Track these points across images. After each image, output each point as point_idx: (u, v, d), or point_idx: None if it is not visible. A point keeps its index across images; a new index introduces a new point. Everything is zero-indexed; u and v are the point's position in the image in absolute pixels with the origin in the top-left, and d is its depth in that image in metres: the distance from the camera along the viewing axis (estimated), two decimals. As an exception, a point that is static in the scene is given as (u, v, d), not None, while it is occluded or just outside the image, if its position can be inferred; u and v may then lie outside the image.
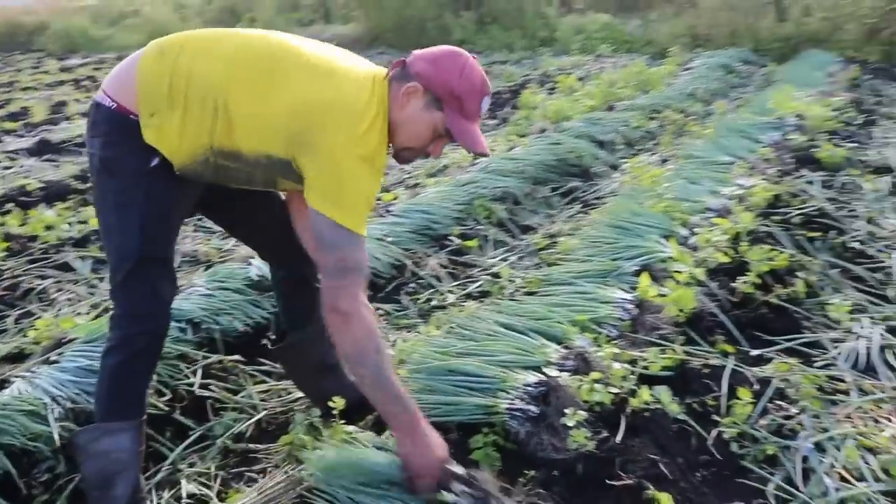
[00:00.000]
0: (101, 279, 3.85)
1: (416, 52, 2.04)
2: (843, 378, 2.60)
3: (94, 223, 4.43)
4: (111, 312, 2.13)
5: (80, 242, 4.25)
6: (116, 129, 2.00)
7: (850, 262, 3.55)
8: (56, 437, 2.36)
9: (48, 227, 4.40)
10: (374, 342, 1.94)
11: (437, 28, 14.01)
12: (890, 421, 2.37)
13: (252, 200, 2.25)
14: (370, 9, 14.94)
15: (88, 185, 5.48)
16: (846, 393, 2.52)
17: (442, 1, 14.29)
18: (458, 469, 1.97)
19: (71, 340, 2.83)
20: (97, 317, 3.27)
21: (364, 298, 1.97)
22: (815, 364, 2.69)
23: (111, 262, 2.10)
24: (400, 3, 14.40)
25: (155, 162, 1.98)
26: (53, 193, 5.33)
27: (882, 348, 2.78)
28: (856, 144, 5.60)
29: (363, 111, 1.93)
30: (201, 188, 2.13)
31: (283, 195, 2.35)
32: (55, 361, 2.71)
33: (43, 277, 3.87)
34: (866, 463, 2.14)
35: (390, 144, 2.06)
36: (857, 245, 3.71)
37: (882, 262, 3.56)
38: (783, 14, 11.02)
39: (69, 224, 4.53)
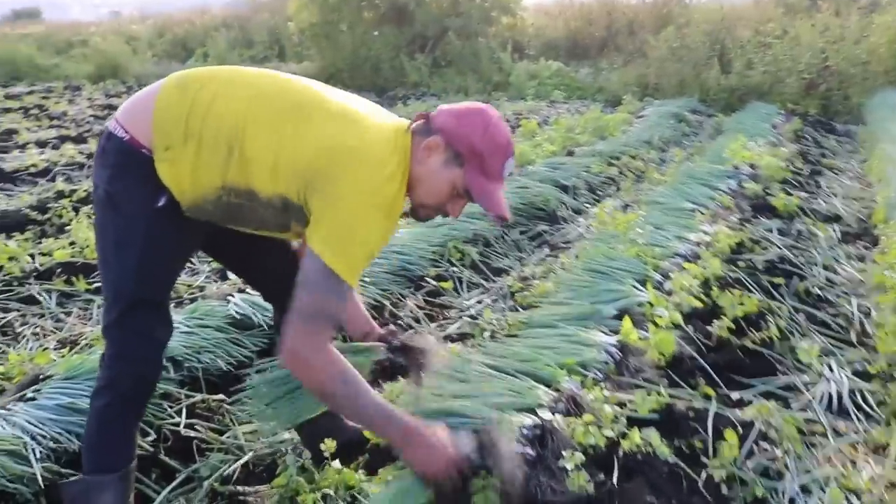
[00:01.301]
0: (68, 313, 3.76)
1: (442, 106, 2.04)
2: (818, 420, 2.69)
3: (58, 255, 4.33)
4: (102, 351, 2.08)
5: (45, 275, 4.14)
6: (126, 161, 1.95)
7: (813, 307, 3.69)
8: (39, 478, 2.29)
9: (11, 258, 4.28)
10: (338, 379, 1.89)
11: (391, 69, 14.16)
12: (867, 463, 2.47)
13: (261, 243, 2.21)
14: (325, 48, 14.99)
15: (47, 215, 5.37)
16: (823, 435, 2.61)
17: (397, 42, 14.44)
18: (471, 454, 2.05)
19: (48, 377, 2.75)
20: (71, 350, 3.20)
21: (329, 342, 1.91)
22: (792, 407, 2.78)
23: (106, 300, 2.05)
24: (355, 43, 14.51)
25: (162, 202, 1.94)
26: (10, 224, 5.19)
27: (851, 392, 2.90)
28: (805, 194, 5.85)
29: (384, 161, 1.90)
30: (206, 231, 2.10)
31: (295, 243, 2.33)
32: (32, 398, 2.64)
33: (6, 310, 3.76)
34: (851, 504, 2.22)
35: (408, 199, 2.05)
36: (818, 291, 3.86)
37: (842, 307, 3.71)
38: (727, 67, 11.44)
39: (31, 256, 4.42)
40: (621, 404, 2.59)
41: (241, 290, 3.50)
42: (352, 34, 14.63)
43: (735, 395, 2.82)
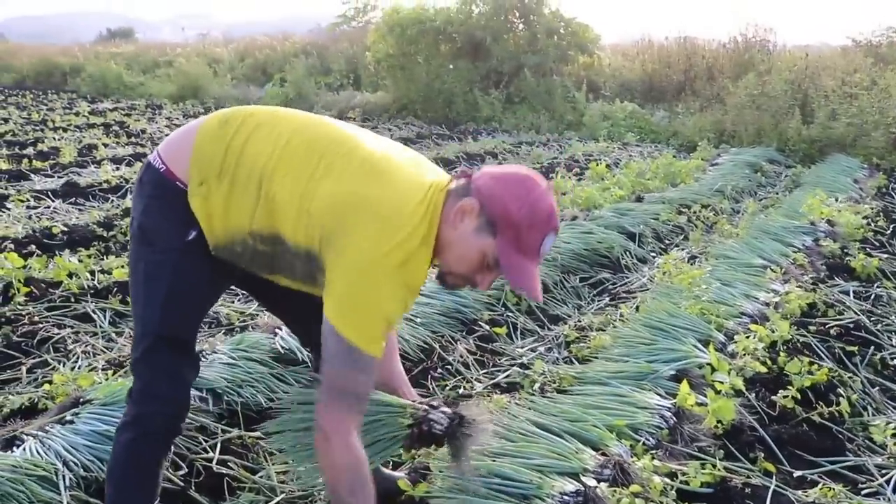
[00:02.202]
0: (120, 333, 3.78)
1: (486, 167, 1.90)
2: (891, 510, 2.48)
3: (117, 274, 4.38)
4: (130, 386, 2.04)
5: (101, 293, 4.18)
6: (160, 193, 1.93)
7: (889, 380, 3.45)
8: (65, 507, 2.25)
9: (70, 275, 4.34)
10: (348, 478, 1.82)
11: (464, 103, 14.19)
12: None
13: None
14: (399, 79, 15.14)
15: (112, 232, 5.47)
16: (896, 528, 2.40)
17: (471, 77, 14.49)
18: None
19: (88, 401, 2.73)
20: (115, 373, 3.18)
21: (353, 427, 1.84)
22: (862, 492, 2.57)
23: (135, 334, 2.01)
24: (429, 75, 14.62)
25: (192, 235, 1.90)
26: (77, 238, 5.31)
27: (931, 479, 2.66)
28: (887, 255, 5.53)
29: (404, 218, 1.76)
30: (235, 271, 2.04)
31: None
32: (70, 422, 2.62)
33: (61, 326, 3.79)
34: None
35: (436, 264, 1.92)
36: (896, 363, 3.62)
37: (923, 384, 3.46)
38: (809, 117, 11.08)
39: (91, 273, 4.47)
40: (672, 475, 2.43)
41: (289, 323, 3.45)
42: (427, 67, 14.75)
43: (797, 474, 2.63)
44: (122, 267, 4.52)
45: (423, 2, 15.18)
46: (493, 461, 2.28)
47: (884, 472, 2.69)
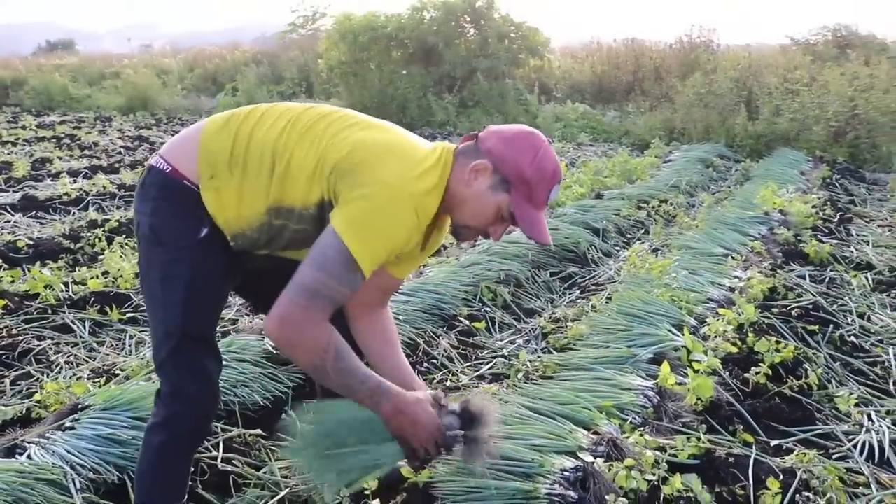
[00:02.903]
0: (101, 343, 3.79)
1: (491, 126, 2.05)
2: (860, 471, 2.65)
3: (92, 284, 4.38)
4: (157, 388, 2.08)
5: (79, 304, 4.17)
6: (167, 194, 1.98)
7: (848, 355, 3.66)
8: (78, 508, 2.29)
9: (47, 286, 4.32)
10: (330, 355, 1.83)
11: (418, 108, 14.31)
12: (914, 517, 2.42)
13: None
14: (352, 85, 15.19)
15: (80, 244, 5.43)
16: (866, 486, 2.57)
17: (425, 82, 14.62)
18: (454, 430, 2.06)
19: (87, 407, 2.76)
20: (106, 381, 3.21)
21: (326, 321, 1.85)
22: (833, 456, 2.74)
23: (155, 336, 2.05)
24: (382, 81, 14.71)
25: (204, 232, 1.96)
26: (44, 252, 5.26)
27: (893, 442, 2.85)
28: (836, 241, 5.81)
29: (420, 160, 1.93)
30: (245, 267, 2.11)
31: None
32: (71, 428, 2.64)
33: (41, 338, 3.79)
34: (900, 560, 2.17)
35: (450, 220, 2.06)
36: (853, 339, 3.83)
37: (879, 356, 3.67)
38: (754, 113, 11.45)
39: (65, 284, 4.46)
40: (661, 449, 2.56)
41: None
42: (380, 73, 14.84)
43: (774, 443, 2.79)
44: (97, 277, 4.52)
45: (375, 8, 15.29)
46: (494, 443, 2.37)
47: (850, 437, 2.88)
